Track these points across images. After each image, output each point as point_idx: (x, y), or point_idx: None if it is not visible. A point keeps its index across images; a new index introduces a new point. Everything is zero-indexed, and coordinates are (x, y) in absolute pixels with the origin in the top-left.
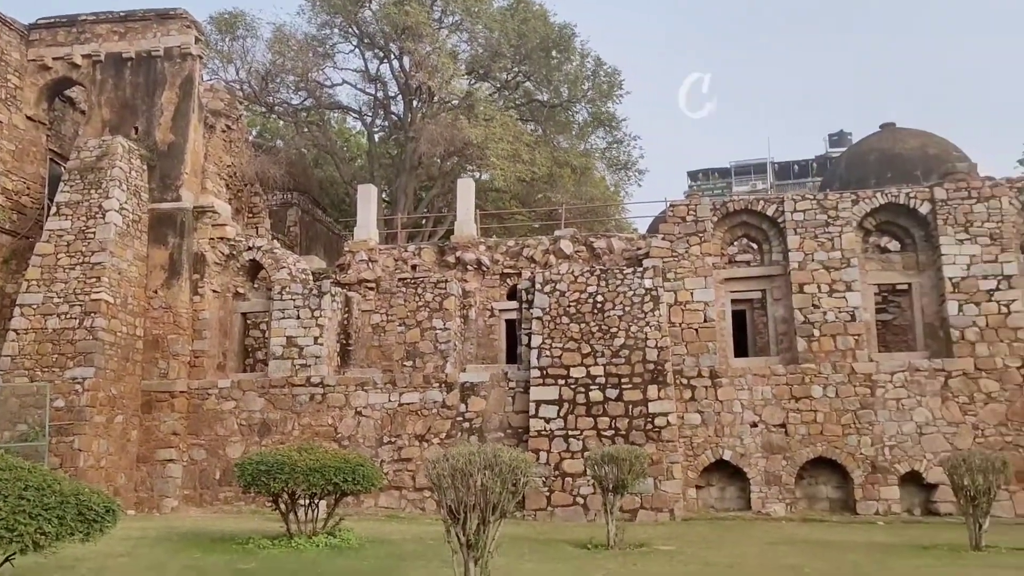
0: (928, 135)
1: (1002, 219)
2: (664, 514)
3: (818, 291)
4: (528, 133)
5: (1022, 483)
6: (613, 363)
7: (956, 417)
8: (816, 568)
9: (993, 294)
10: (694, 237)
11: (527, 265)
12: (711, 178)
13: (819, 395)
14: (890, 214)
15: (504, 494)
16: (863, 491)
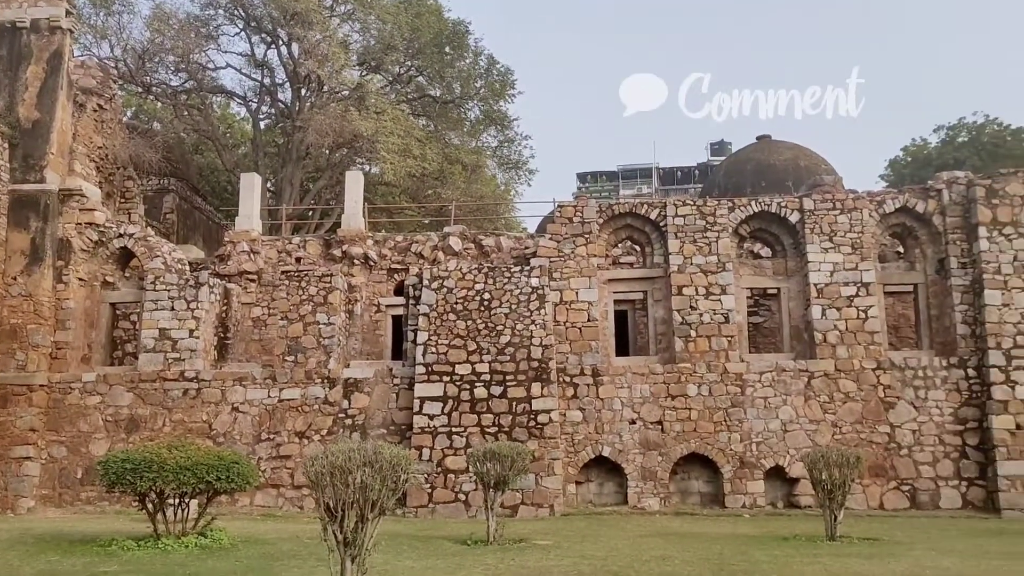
0: (800, 148)
1: (863, 230)
2: (544, 510)
3: (696, 293)
4: (420, 128)
5: (875, 477)
6: (499, 360)
7: (817, 415)
8: (684, 559)
9: (853, 300)
10: (580, 238)
11: (415, 261)
12: (599, 180)
13: (694, 394)
14: (763, 222)
15: (384, 491)
16: (732, 485)
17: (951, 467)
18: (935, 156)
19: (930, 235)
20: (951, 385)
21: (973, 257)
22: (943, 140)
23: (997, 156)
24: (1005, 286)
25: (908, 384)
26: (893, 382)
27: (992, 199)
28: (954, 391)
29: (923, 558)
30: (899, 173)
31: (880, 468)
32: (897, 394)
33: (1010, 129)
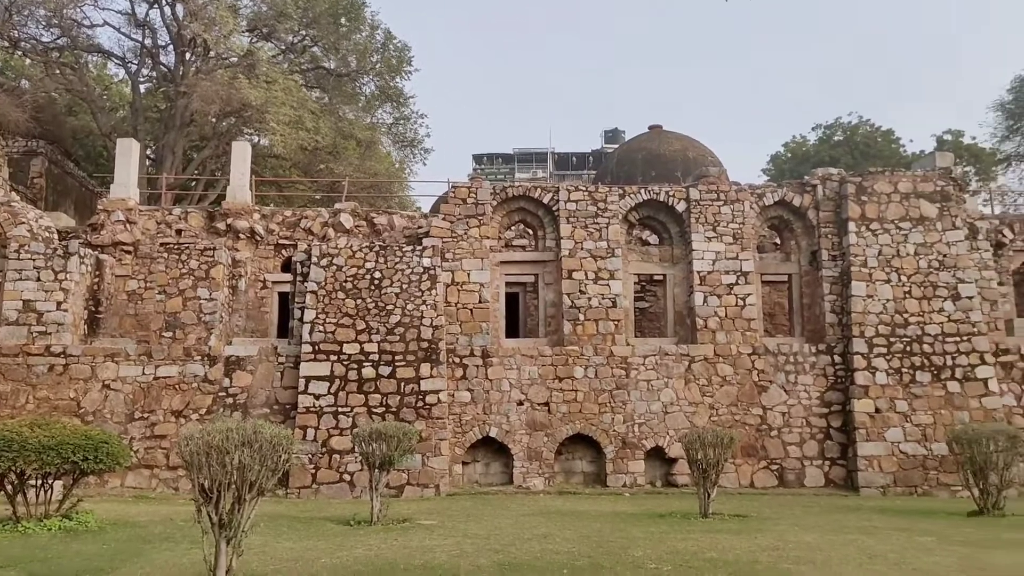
0: (689, 139)
1: (744, 221)
2: (430, 490)
3: (585, 278)
4: (313, 100)
5: (747, 457)
6: (388, 340)
7: (696, 398)
8: (564, 536)
9: (733, 288)
10: (474, 219)
11: (304, 237)
12: (495, 163)
13: (581, 376)
14: (652, 210)
15: (264, 472)
16: (614, 465)
17: (816, 447)
18: (813, 153)
19: (805, 228)
20: (819, 370)
21: (842, 250)
22: (820, 138)
23: (868, 156)
24: (870, 278)
25: (780, 369)
26: (767, 367)
27: (861, 196)
28: (821, 376)
29: (787, 533)
30: (780, 168)
31: (752, 448)
32: (770, 378)
33: (880, 131)
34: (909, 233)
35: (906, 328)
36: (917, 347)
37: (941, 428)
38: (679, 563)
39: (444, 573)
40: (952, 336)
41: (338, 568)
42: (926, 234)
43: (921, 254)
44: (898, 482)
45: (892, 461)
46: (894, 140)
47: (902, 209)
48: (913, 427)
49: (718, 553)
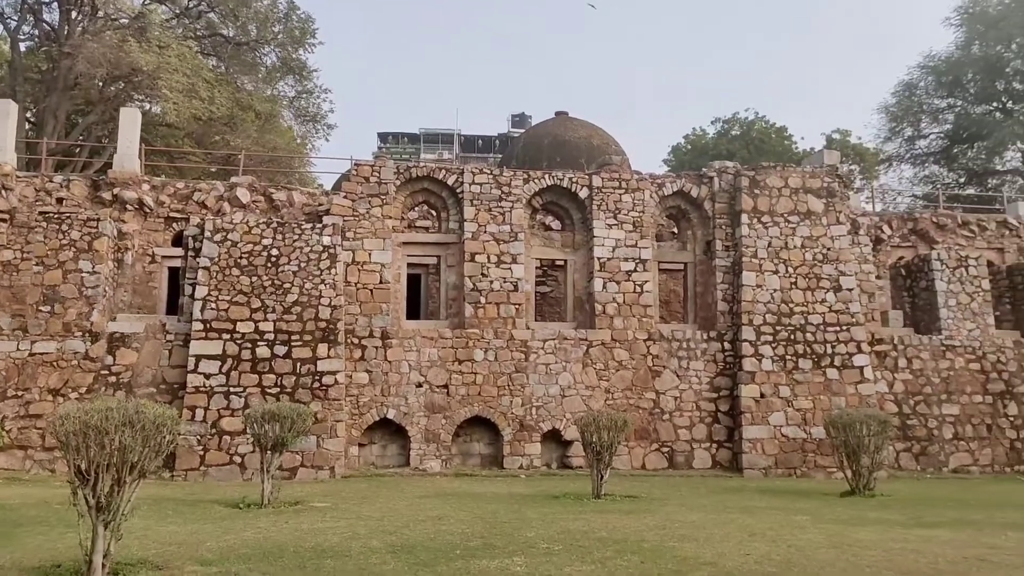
0: (594, 127)
1: (644, 210)
2: (325, 472)
3: (488, 261)
4: (209, 69)
5: (640, 440)
6: (284, 319)
7: (593, 381)
8: (459, 518)
9: (631, 275)
10: (376, 199)
11: (197, 211)
12: (400, 142)
13: (480, 359)
14: (555, 195)
15: (146, 453)
16: (511, 447)
17: (705, 431)
18: (711, 146)
19: (701, 218)
20: (710, 357)
21: (735, 241)
22: (719, 132)
23: (763, 151)
24: (759, 269)
25: (674, 355)
26: (661, 352)
27: (754, 189)
28: (711, 362)
29: (674, 513)
30: (680, 159)
31: (645, 431)
32: (664, 363)
33: (775, 127)
34: (797, 227)
35: (791, 317)
36: (801, 336)
37: (820, 413)
38: (570, 543)
39: (335, 555)
40: (833, 326)
41: (225, 551)
42: (812, 228)
43: (807, 247)
44: (779, 464)
45: (774, 444)
46: (787, 137)
47: (791, 203)
48: (794, 412)
49: (608, 532)
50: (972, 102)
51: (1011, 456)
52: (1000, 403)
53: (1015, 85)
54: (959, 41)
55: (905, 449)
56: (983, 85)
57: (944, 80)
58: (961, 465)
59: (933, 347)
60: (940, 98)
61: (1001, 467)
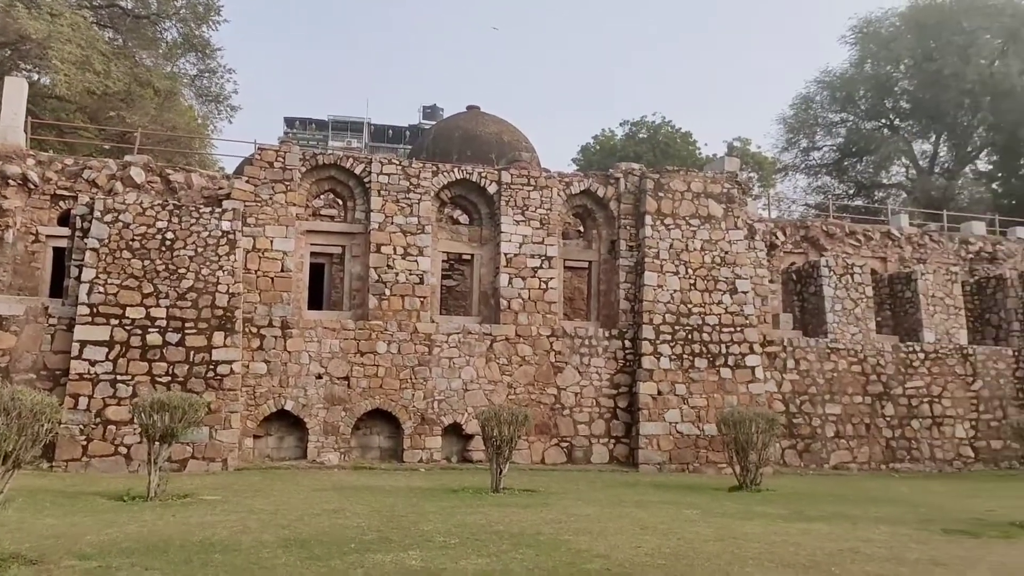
0: (505, 123)
1: (551, 207)
2: (217, 464)
3: (394, 253)
4: (105, 41)
5: (540, 435)
6: (178, 306)
7: (496, 376)
8: (356, 511)
9: (537, 271)
10: (280, 185)
11: (87, 189)
12: (308, 128)
13: (383, 351)
14: (464, 189)
15: (21, 442)
16: (411, 441)
17: (603, 426)
18: (619, 147)
19: (607, 218)
20: (611, 354)
21: (639, 242)
22: (627, 134)
23: (668, 154)
24: (661, 270)
25: (576, 351)
26: (564, 349)
27: (659, 192)
28: (612, 359)
29: (570, 507)
30: (589, 159)
31: (545, 426)
32: (566, 360)
33: (680, 132)
34: (697, 230)
35: (689, 318)
36: (697, 336)
37: (713, 411)
38: (467, 536)
39: (224, 549)
40: (728, 327)
41: (106, 545)
42: (712, 232)
43: (707, 250)
44: (673, 460)
45: (669, 440)
46: (691, 142)
47: (693, 207)
48: (689, 409)
49: (505, 526)
50: (863, 118)
51: (886, 454)
52: (878, 404)
53: (902, 104)
54: (853, 59)
55: (791, 446)
56: (873, 102)
57: (838, 95)
58: (841, 462)
59: (819, 349)
60: (834, 112)
61: (877, 464)
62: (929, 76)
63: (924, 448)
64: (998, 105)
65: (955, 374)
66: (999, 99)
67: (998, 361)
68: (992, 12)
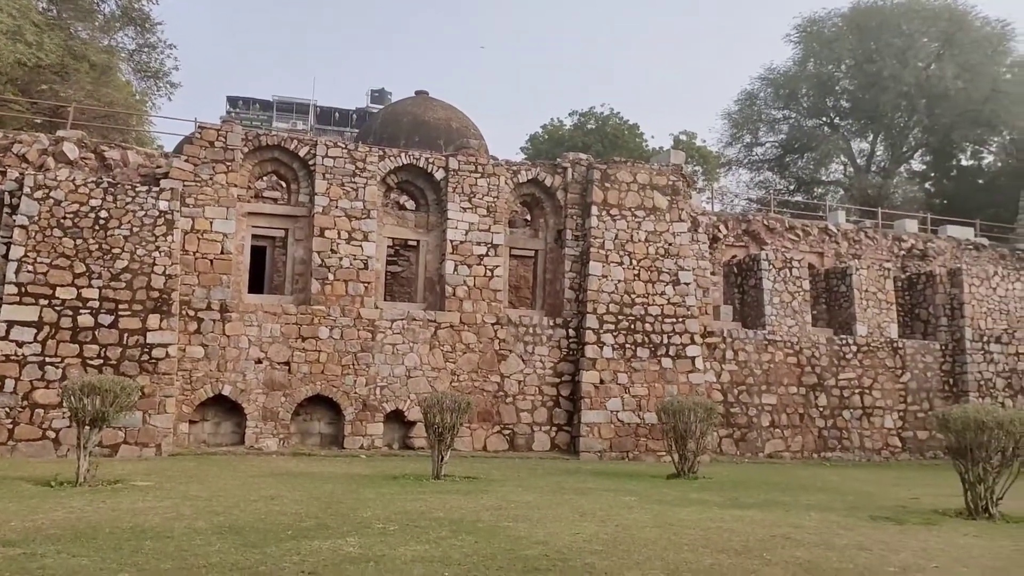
0: (454, 109)
1: (498, 195)
2: (151, 449)
3: (338, 237)
4: (39, 12)
5: (482, 422)
6: (112, 287)
7: (439, 363)
8: (294, 498)
9: (483, 259)
10: (221, 165)
11: (17, 164)
12: (252, 108)
13: (325, 336)
14: (411, 175)
15: None
16: (352, 427)
17: (546, 414)
18: (567, 137)
19: (554, 207)
20: (554, 343)
21: (585, 231)
22: (576, 124)
23: (615, 146)
24: (606, 260)
25: (520, 339)
26: (508, 337)
27: (605, 183)
28: (556, 348)
29: (511, 494)
30: (537, 148)
31: (488, 414)
32: (510, 348)
33: (628, 124)
34: (643, 221)
35: (632, 308)
36: (640, 326)
37: (653, 400)
38: (406, 523)
39: (156, 536)
40: (670, 317)
41: (31, 532)
42: (657, 223)
43: (651, 241)
44: (614, 447)
45: (610, 428)
46: (638, 134)
47: (639, 198)
48: (631, 398)
49: (445, 513)
50: (805, 115)
51: (818, 443)
52: (812, 394)
53: (842, 103)
54: (796, 58)
55: (728, 435)
56: (815, 100)
57: (781, 93)
58: (775, 451)
59: (757, 341)
60: (777, 109)
61: (809, 453)
62: (868, 77)
63: (854, 438)
64: (933, 107)
65: (885, 367)
66: (934, 102)
67: (926, 355)
68: (929, 16)
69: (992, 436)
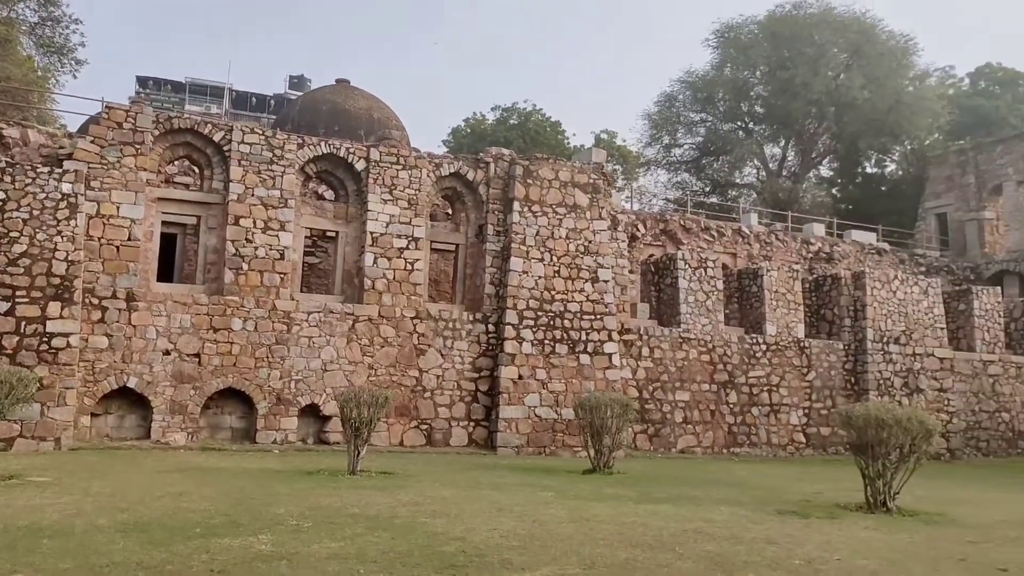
0: (376, 99)
1: (420, 188)
2: (49, 443)
3: (253, 226)
4: None
5: (400, 417)
6: (9, 272)
7: (357, 357)
8: (202, 494)
9: (403, 252)
10: (130, 147)
11: None
12: (164, 89)
13: (238, 328)
14: (331, 164)
15: None
16: (265, 421)
17: (464, 409)
18: (490, 132)
19: (475, 202)
20: (474, 338)
21: (506, 227)
22: (498, 119)
23: (538, 142)
24: (527, 256)
25: (439, 334)
26: (427, 331)
27: (528, 179)
28: (475, 343)
29: (427, 489)
30: (459, 142)
31: (405, 408)
32: (429, 342)
33: (550, 121)
34: (564, 218)
35: (552, 304)
36: (559, 322)
37: (571, 395)
38: (321, 519)
39: (55, 534)
40: (588, 314)
41: None
42: (577, 221)
43: (571, 238)
44: (531, 443)
45: (528, 424)
46: (561, 131)
47: (560, 195)
48: (548, 394)
49: (360, 509)
50: (721, 119)
51: (728, 439)
52: (723, 391)
53: (757, 108)
54: (714, 62)
55: (642, 431)
56: (731, 105)
57: (699, 96)
58: (688, 446)
59: (672, 339)
60: (695, 112)
61: (720, 448)
62: (782, 84)
63: (762, 434)
64: (841, 116)
65: (792, 365)
66: (842, 110)
67: (830, 354)
68: (840, 28)
69: (891, 433)
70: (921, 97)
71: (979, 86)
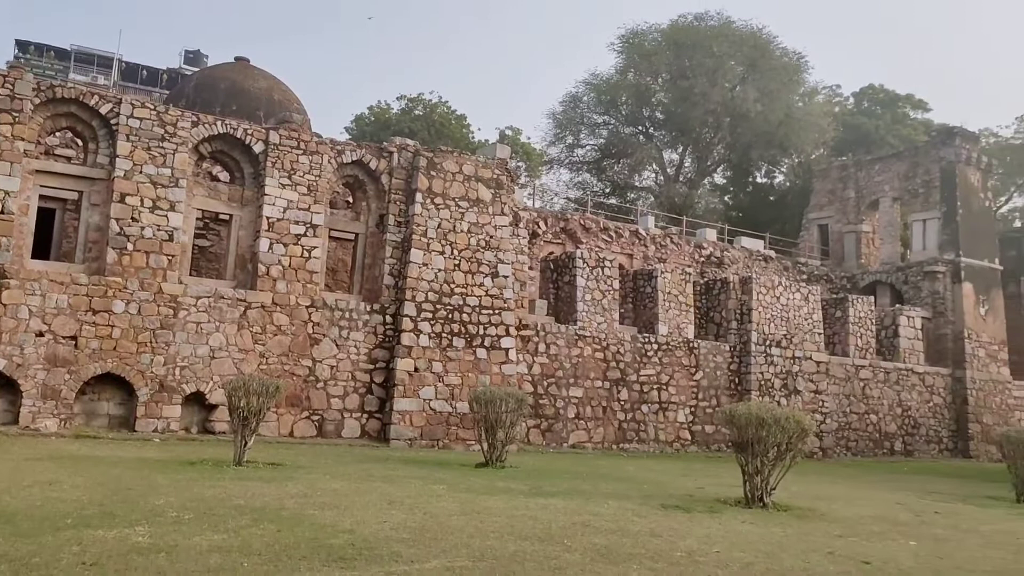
0: (276, 80)
1: (320, 174)
2: None
3: (140, 205)
4: None
5: (290, 407)
6: None
7: (247, 344)
8: (75, 483)
9: (301, 239)
10: (6, 115)
11: None
12: (46, 56)
13: (120, 311)
14: (226, 145)
15: None
16: (146, 409)
17: (357, 401)
18: (395, 121)
19: (377, 191)
20: (371, 328)
21: (408, 218)
22: (403, 109)
23: (442, 135)
24: (427, 248)
25: (335, 324)
26: (323, 320)
27: (431, 171)
28: (372, 334)
29: (318, 481)
30: (362, 129)
31: (297, 398)
32: (324, 332)
33: (455, 114)
34: (466, 212)
35: (451, 297)
36: (458, 315)
37: (466, 389)
38: (203, 511)
39: None
40: (487, 309)
41: None
42: (479, 215)
43: (473, 232)
44: (424, 436)
45: (422, 416)
46: (466, 125)
47: (463, 189)
48: (444, 387)
49: (246, 500)
50: (623, 123)
51: (618, 435)
52: (615, 388)
53: (657, 114)
54: (618, 66)
55: (535, 425)
56: (633, 109)
57: (603, 99)
58: (579, 442)
59: (568, 335)
60: (598, 114)
61: (610, 444)
62: (681, 92)
63: (650, 430)
64: (735, 127)
65: (681, 364)
66: (736, 121)
67: (717, 355)
68: (737, 41)
69: (770, 432)
70: (809, 113)
71: (862, 106)
